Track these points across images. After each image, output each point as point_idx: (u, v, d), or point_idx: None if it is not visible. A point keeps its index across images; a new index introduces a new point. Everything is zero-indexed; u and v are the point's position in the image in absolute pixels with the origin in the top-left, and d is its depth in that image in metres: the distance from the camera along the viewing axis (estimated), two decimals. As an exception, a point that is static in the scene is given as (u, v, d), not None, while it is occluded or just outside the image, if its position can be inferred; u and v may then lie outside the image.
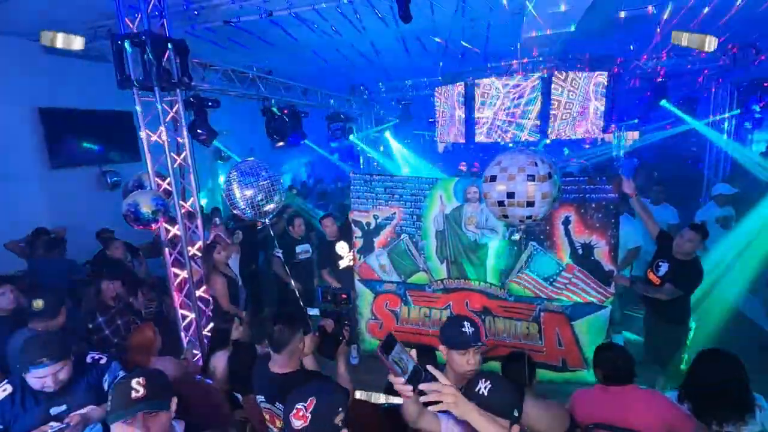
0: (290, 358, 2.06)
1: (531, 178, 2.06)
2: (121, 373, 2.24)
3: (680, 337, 3.42)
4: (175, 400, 1.54)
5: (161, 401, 1.46)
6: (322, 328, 2.25)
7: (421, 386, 1.28)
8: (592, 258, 3.56)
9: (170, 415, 1.52)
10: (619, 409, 2.11)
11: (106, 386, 2.20)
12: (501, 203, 2.16)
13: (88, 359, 2.23)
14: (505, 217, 2.22)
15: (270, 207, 3.04)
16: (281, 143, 6.74)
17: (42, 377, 1.95)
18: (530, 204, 2.09)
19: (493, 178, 2.18)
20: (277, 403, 2.06)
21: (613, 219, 3.48)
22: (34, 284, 3.55)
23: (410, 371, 1.28)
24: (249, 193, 2.90)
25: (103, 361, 2.25)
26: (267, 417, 2.18)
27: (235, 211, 3.18)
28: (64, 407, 2.05)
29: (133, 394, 1.41)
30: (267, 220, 3.07)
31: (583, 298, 3.63)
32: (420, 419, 1.44)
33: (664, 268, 3.47)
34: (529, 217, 2.16)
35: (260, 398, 2.16)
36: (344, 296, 2.34)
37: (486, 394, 1.40)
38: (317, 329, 2.26)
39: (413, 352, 1.33)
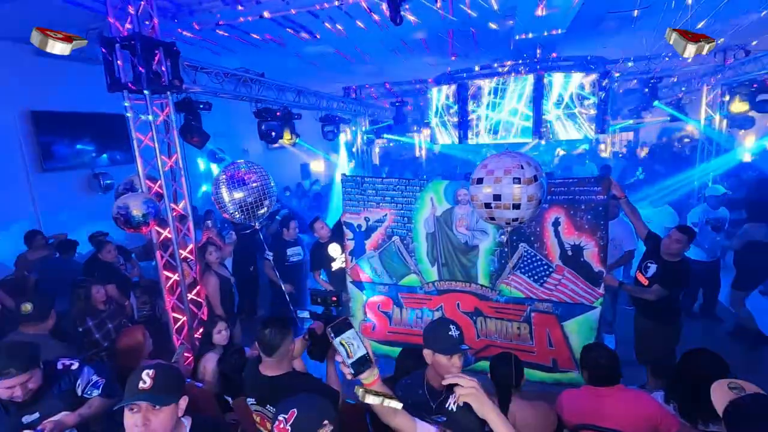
0: (281, 361, 2.08)
1: (517, 180, 2.08)
2: (95, 378, 2.24)
3: (669, 336, 3.45)
4: (185, 398, 1.56)
5: (164, 396, 1.48)
6: (312, 330, 2.25)
7: (446, 379, 1.29)
8: (582, 259, 3.58)
9: (174, 413, 1.52)
10: (605, 409, 2.13)
11: (79, 391, 2.19)
12: (488, 205, 2.17)
13: (59, 366, 2.20)
14: (492, 219, 2.23)
15: (261, 211, 3.02)
16: (275, 144, 6.75)
17: (9, 387, 1.92)
18: (516, 207, 2.10)
19: (480, 181, 2.20)
20: (268, 405, 2.07)
21: (602, 221, 3.50)
22: (25, 287, 3.53)
23: (356, 357, 1.33)
24: (238, 195, 2.87)
25: (74, 367, 2.22)
26: (258, 419, 2.19)
27: (224, 215, 3.16)
28: (36, 415, 2.03)
29: (140, 385, 1.46)
30: (257, 224, 3.05)
31: (573, 299, 3.65)
32: (393, 418, 1.44)
33: (652, 269, 3.51)
34: (515, 220, 2.17)
35: (251, 401, 2.17)
36: (334, 298, 2.34)
37: (454, 409, 1.39)
38: (307, 332, 2.26)
39: (368, 343, 1.37)
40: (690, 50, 1.94)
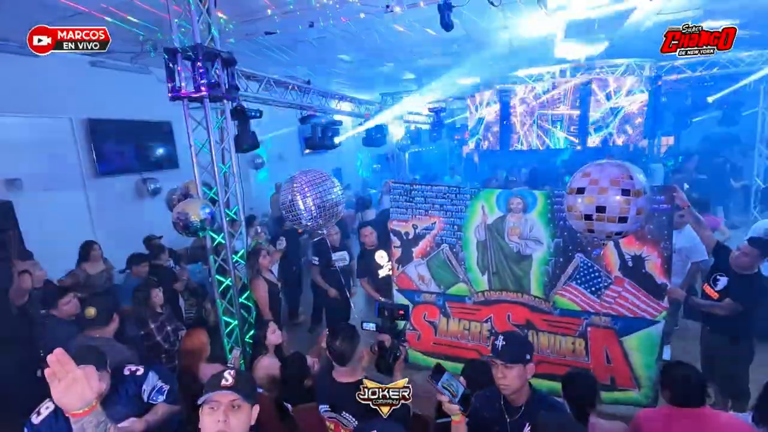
0: (354, 369, 2.10)
1: (626, 192, 1.97)
2: (160, 384, 2.25)
3: (742, 355, 3.25)
4: (257, 408, 1.55)
5: (247, 394, 1.50)
6: (381, 343, 2.23)
7: None
8: (643, 271, 3.42)
9: (249, 417, 1.52)
10: (693, 433, 2.01)
11: (145, 397, 2.21)
12: (588, 217, 2.06)
13: (125, 371, 2.22)
14: (591, 231, 2.12)
15: (333, 218, 3.03)
16: (308, 150, 6.82)
17: None
18: (623, 220, 1.99)
19: (581, 191, 2.09)
20: (343, 412, 2.07)
21: (665, 230, 3.34)
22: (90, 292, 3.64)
23: (460, 395, 1.55)
24: (311, 202, 2.88)
25: (140, 373, 2.23)
26: (332, 426, 2.19)
27: (303, 222, 3.13)
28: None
29: (223, 382, 1.48)
30: (324, 231, 3.07)
31: (634, 313, 3.49)
32: None
33: (722, 282, 3.32)
34: (619, 234, 2.06)
35: (324, 408, 2.17)
36: (401, 312, 2.32)
37: None
38: (376, 344, 2.25)
39: (462, 379, 1.55)
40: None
